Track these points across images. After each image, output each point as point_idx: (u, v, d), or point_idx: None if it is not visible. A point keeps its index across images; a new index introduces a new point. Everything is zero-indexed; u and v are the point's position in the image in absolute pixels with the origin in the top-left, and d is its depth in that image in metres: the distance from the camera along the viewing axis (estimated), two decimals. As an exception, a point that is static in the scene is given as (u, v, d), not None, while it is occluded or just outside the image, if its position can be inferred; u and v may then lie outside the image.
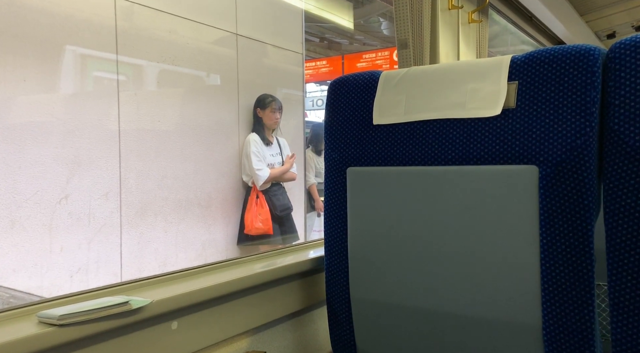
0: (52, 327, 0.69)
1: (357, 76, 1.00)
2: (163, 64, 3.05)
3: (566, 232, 0.78)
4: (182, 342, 0.87)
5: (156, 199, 3.00)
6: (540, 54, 0.82)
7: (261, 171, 3.31)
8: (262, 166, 3.33)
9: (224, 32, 3.45)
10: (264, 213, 3.32)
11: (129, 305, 0.76)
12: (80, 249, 2.66)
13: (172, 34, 3.09)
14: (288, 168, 3.46)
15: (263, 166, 3.34)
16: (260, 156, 3.35)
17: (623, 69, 0.75)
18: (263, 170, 3.32)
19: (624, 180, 0.75)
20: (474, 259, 0.85)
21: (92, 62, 2.75)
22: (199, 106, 3.27)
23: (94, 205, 2.70)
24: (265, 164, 3.36)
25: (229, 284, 0.94)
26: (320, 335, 1.19)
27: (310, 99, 9.79)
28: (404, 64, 1.48)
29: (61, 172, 2.56)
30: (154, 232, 3.01)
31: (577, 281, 0.78)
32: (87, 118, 2.66)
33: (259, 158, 3.34)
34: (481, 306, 0.85)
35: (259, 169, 3.31)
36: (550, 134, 0.79)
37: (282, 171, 3.43)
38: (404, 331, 0.94)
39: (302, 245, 1.31)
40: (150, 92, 3.02)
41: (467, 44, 1.85)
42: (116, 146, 2.79)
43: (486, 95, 0.85)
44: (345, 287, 1.00)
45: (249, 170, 3.36)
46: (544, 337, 0.80)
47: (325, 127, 1.03)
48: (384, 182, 0.94)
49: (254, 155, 3.33)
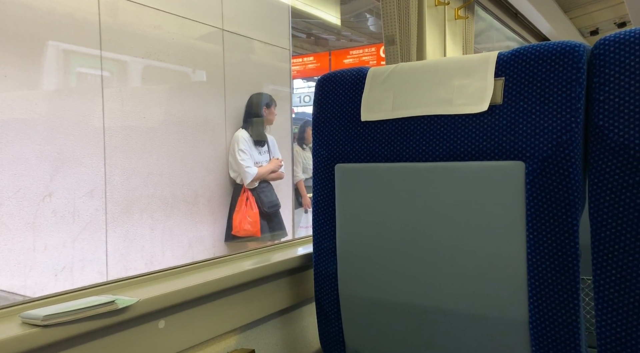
0: (36, 327, 0.68)
1: (345, 73, 1.00)
2: (148, 60, 3.01)
3: (552, 227, 0.79)
4: (169, 341, 0.86)
5: (142, 196, 2.97)
6: (527, 51, 0.82)
7: (250, 168, 3.29)
8: (251, 163, 3.32)
9: (210, 28, 3.42)
10: (253, 216, 3.31)
11: (114, 304, 0.75)
12: (65, 247, 2.62)
13: (157, 30, 3.05)
14: (273, 167, 3.44)
15: (251, 163, 3.32)
16: (248, 154, 3.33)
17: (607, 66, 0.76)
18: (252, 168, 3.30)
19: (608, 175, 0.76)
20: (462, 255, 0.86)
21: (76, 58, 2.71)
22: (185, 102, 3.24)
23: (78, 203, 2.66)
24: (252, 162, 3.34)
25: (217, 282, 0.93)
26: (309, 332, 1.19)
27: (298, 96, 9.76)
28: (391, 60, 1.48)
29: (44, 169, 2.52)
30: (140, 230, 2.98)
31: (563, 276, 0.79)
32: (70, 115, 2.62)
33: (248, 156, 3.32)
34: (469, 302, 0.85)
35: (248, 166, 3.29)
36: (537, 130, 0.79)
37: (268, 170, 3.41)
38: (393, 327, 0.94)
39: (290, 242, 1.30)
40: (136, 89, 2.98)
41: (454, 41, 1.85)
42: (101, 143, 2.76)
43: (473, 91, 0.85)
44: (334, 284, 1.00)
45: (237, 167, 3.34)
46: (531, 331, 0.81)
47: (313, 124, 1.03)
48: (372, 179, 0.94)
49: (242, 153, 3.31)
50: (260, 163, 3.40)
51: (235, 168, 3.36)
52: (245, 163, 3.29)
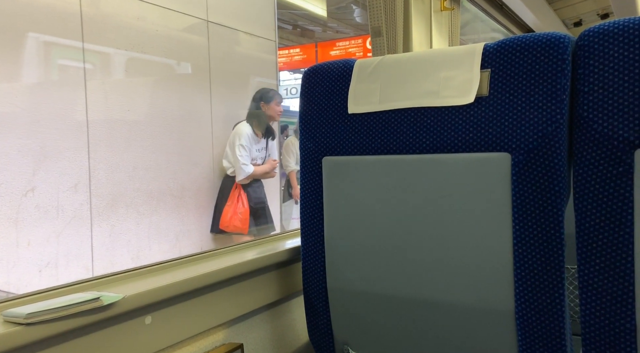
0: (18, 326, 0.66)
1: (332, 64, 0.99)
2: (132, 52, 2.96)
3: (538, 217, 0.79)
4: (156, 337, 0.86)
5: (127, 190, 2.94)
6: (512, 42, 0.82)
7: (247, 166, 3.21)
8: (248, 161, 3.24)
9: (194, 19, 3.38)
10: (244, 213, 3.27)
11: (100, 301, 0.74)
12: (49, 243, 2.58)
13: (140, 21, 3.00)
14: (268, 169, 3.41)
15: (248, 161, 3.24)
16: (247, 150, 3.24)
17: (592, 57, 0.76)
18: (248, 166, 3.22)
19: (592, 166, 0.77)
20: (449, 246, 0.86)
21: (57, 50, 2.66)
22: (170, 95, 3.20)
23: (62, 197, 2.62)
24: (250, 158, 3.28)
25: (204, 277, 0.92)
26: (298, 325, 1.19)
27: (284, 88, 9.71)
28: (378, 52, 1.48)
29: (27, 164, 2.47)
30: (126, 224, 2.95)
31: (548, 266, 0.79)
32: (53, 108, 2.57)
33: (247, 152, 3.24)
34: (457, 293, 0.86)
35: (244, 164, 3.21)
36: (522, 121, 0.80)
37: (263, 171, 3.36)
38: (380, 319, 0.94)
39: (278, 236, 1.30)
40: (119, 81, 2.93)
41: (440, 32, 1.85)
42: (84, 136, 2.71)
43: (459, 83, 0.85)
44: (322, 276, 1.00)
45: (233, 161, 3.28)
46: (517, 320, 0.82)
47: (300, 116, 1.02)
48: (359, 171, 0.94)
49: (242, 148, 3.21)
50: (256, 159, 3.34)
51: (232, 160, 3.30)
52: (242, 159, 3.22)
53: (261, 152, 3.38)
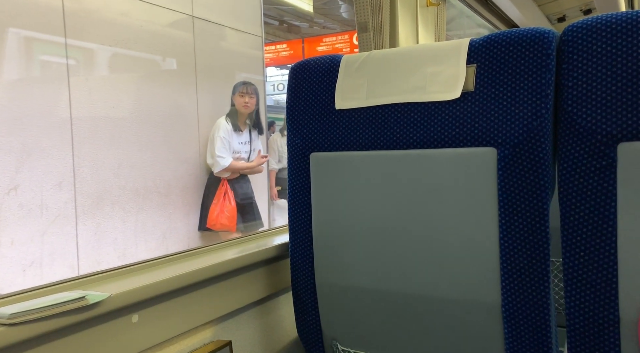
0: (1, 326, 0.65)
1: (318, 60, 0.99)
2: (116, 48, 2.92)
3: (524, 211, 0.80)
4: (143, 336, 0.85)
5: (113, 188, 2.91)
6: (498, 37, 0.83)
7: (223, 159, 3.20)
8: (226, 154, 3.23)
9: (179, 15, 3.34)
10: (231, 210, 3.25)
11: (85, 300, 0.73)
12: (33, 242, 2.55)
13: (124, 17, 2.96)
14: (255, 165, 3.39)
15: (227, 154, 3.24)
16: (225, 143, 3.24)
17: (576, 52, 0.77)
18: (225, 159, 3.21)
19: (577, 160, 0.77)
20: (436, 241, 0.87)
21: (39, 45, 2.61)
22: (155, 91, 3.16)
23: (46, 196, 2.59)
24: (230, 152, 3.27)
25: (191, 274, 0.92)
26: (286, 322, 1.19)
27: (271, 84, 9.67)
28: (365, 47, 1.48)
29: (9, 162, 2.43)
30: (112, 222, 2.92)
31: (534, 259, 0.80)
32: (35, 105, 2.53)
33: (224, 145, 3.22)
34: (444, 287, 0.87)
35: (220, 156, 3.20)
36: (508, 116, 0.80)
37: (247, 166, 3.34)
38: (369, 314, 0.95)
39: (266, 232, 1.30)
40: (103, 78, 2.89)
41: (426, 27, 1.86)
42: (68, 133, 2.67)
43: (445, 78, 0.86)
44: (310, 273, 1.00)
45: (212, 154, 3.27)
46: (503, 313, 0.83)
47: (287, 112, 1.02)
48: (347, 167, 0.94)
49: (219, 140, 3.19)
50: (240, 153, 3.32)
51: (212, 154, 3.28)
52: (219, 152, 3.21)
53: (244, 145, 3.35)
